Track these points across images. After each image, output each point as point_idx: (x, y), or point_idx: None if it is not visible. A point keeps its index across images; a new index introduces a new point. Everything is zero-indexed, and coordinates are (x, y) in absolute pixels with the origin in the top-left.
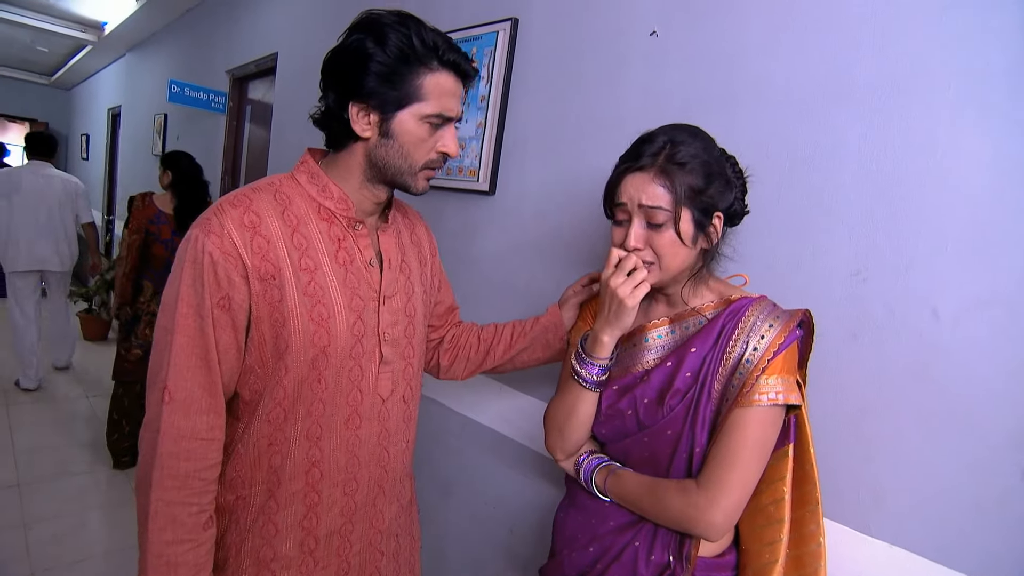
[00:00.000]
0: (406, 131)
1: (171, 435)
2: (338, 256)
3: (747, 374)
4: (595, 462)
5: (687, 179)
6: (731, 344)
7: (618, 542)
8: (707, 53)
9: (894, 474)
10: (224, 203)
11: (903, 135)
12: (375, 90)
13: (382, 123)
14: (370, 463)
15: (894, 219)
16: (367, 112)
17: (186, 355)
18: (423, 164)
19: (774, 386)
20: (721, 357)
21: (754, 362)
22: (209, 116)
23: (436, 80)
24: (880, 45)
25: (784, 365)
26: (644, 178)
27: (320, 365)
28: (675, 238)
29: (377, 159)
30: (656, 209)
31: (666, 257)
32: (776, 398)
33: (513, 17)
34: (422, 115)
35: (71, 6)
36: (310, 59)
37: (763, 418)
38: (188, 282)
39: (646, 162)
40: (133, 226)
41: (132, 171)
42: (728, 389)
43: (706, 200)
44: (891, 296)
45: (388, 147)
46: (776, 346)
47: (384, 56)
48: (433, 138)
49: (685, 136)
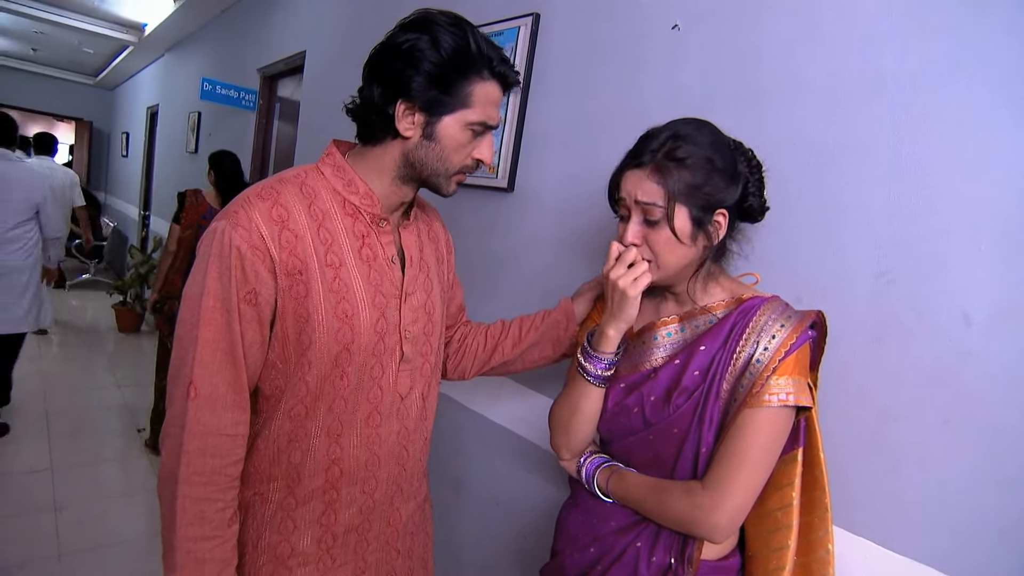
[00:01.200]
0: (449, 135)
1: (198, 431)
2: (362, 252)
3: (757, 374)
4: (597, 462)
5: (684, 175)
6: (741, 343)
7: (620, 543)
8: (730, 48)
9: (917, 485)
10: (251, 195)
11: (934, 132)
12: (425, 91)
13: (427, 125)
14: (389, 461)
15: (924, 218)
16: (413, 112)
17: (212, 350)
18: (458, 169)
19: (784, 387)
20: (731, 356)
21: (764, 362)
22: (240, 114)
23: (485, 89)
24: (909, 40)
25: (795, 366)
26: (641, 175)
27: (343, 362)
28: (670, 236)
29: (415, 159)
30: (651, 206)
31: (662, 255)
32: (787, 399)
33: (535, 12)
34: (467, 122)
35: (114, 8)
36: (336, 57)
37: (772, 419)
38: (214, 275)
39: (645, 159)
40: (186, 221)
41: (167, 168)
42: (737, 389)
43: (705, 196)
44: (919, 299)
45: (429, 149)
46: (787, 346)
47: (439, 59)
48: (472, 144)
49: (690, 131)
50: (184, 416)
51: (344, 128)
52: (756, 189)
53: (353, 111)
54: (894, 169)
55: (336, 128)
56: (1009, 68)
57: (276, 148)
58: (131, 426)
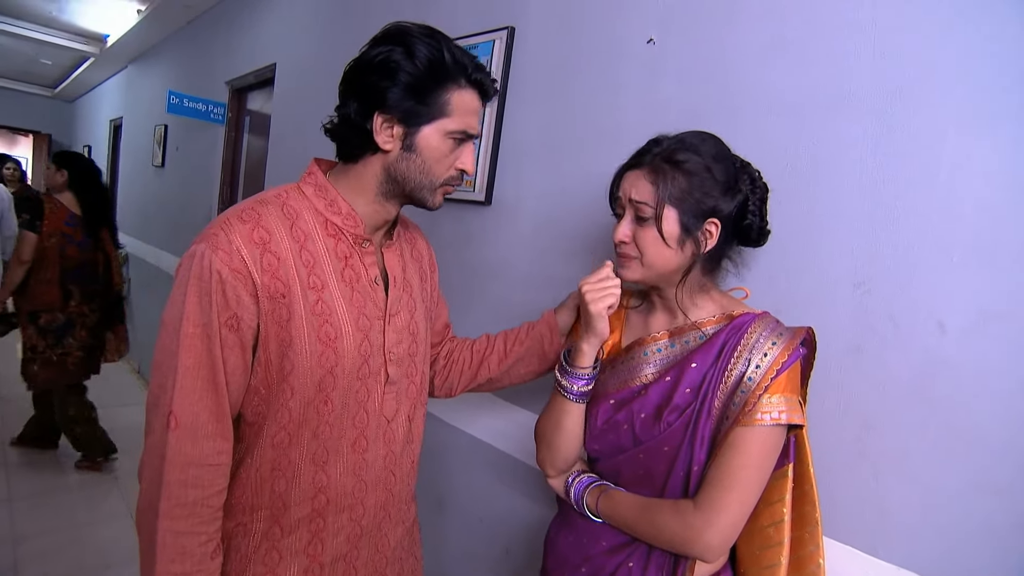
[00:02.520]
0: (430, 146)
1: (178, 462)
2: (344, 274)
3: (749, 392)
4: (586, 481)
5: (678, 179)
6: (733, 361)
7: (610, 563)
8: (705, 61)
9: (900, 493)
10: (232, 217)
11: (906, 143)
12: (402, 102)
13: (406, 136)
14: (377, 487)
15: (897, 229)
16: (391, 124)
17: (193, 377)
18: (443, 180)
19: (777, 405)
20: (722, 374)
21: (756, 380)
22: (208, 127)
23: (462, 98)
24: (881, 52)
25: (787, 384)
26: (638, 174)
27: (327, 386)
28: (657, 236)
29: (397, 173)
30: (642, 204)
31: (648, 254)
32: (779, 418)
33: (509, 26)
34: (447, 131)
35: (73, 18)
36: (307, 69)
37: (764, 438)
38: (194, 300)
39: (645, 159)
40: (47, 229)
41: (133, 182)
42: (729, 407)
43: (696, 203)
44: (895, 308)
45: (410, 161)
46: (779, 364)
47: (414, 69)
48: (453, 155)
49: (694, 140)
50: (164, 446)
51: (317, 140)
52: (757, 209)
53: (331, 130)
54: (868, 179)
55: (309, 142)
56: (981, 78)
57: (246, 162)
58: None
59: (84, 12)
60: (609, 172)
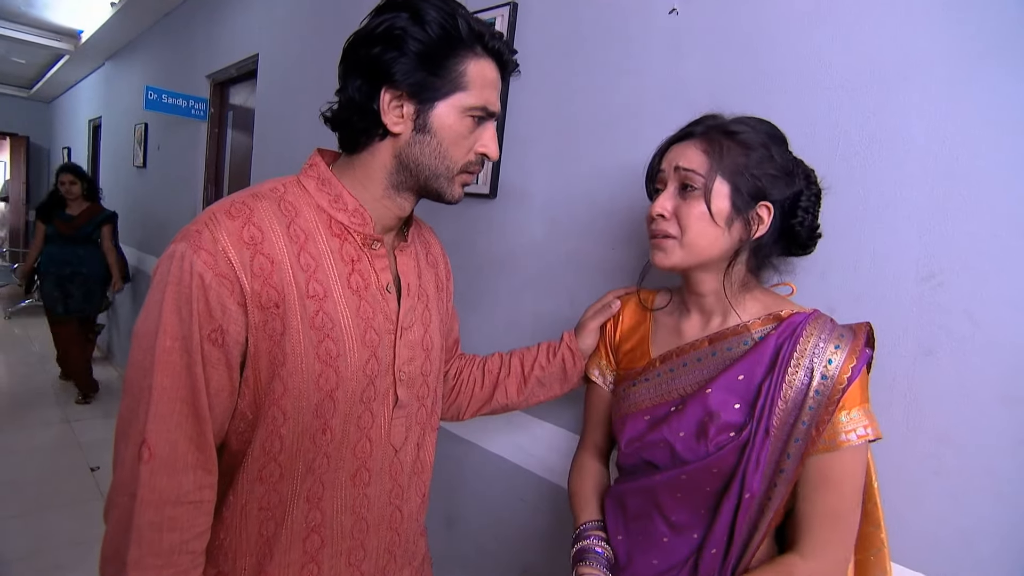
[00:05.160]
0: (446, 125)
1: (152, 501)
2: (351, 280)
3: (820, 408)
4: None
5: (734, 151)
6: (791, 371)
7: None
8: (736, 31)
9: (985, 517)
10: (218, 212)
11: (984, 115)
12: (412, 74)
13: (418, 115)
14: (380, 525)
15: (975, 213)
16: (401, 101)
17: (169, 400)
18: (462, 167)
19: (859, 420)
20: (779, 387)
21: (826, 393)
22: (190, 123)
23: (480, 68)
24: (947, 14)
25: (861, 394)
26: (688, 144)
27: (326, 412)
28: (705, 211)
29: (409, 159)
30: (690, 172)
31: (690, 231)
32: (866, 433)
33: (511, 1)
34: (465, 107)
35: (45, 14)
36: (293, 59)
37: (855, 459)
38: (171, 309)
39: (697, 130)
40: None
41: (114, 183)
42: (796, 427)
43: (752, 180)
44: (974, 304)
45: (423, 144)
46: (848, 370)
47: (424, 35)
48: (473, 136)
49: (752, 119)
50: (135, 482)
51: (305, 135)
52: (810, 206)
53: (332, 118)
54: (937, 160)
55: (296, 137)
56: None
57: (231, 159)
58: (83, 465)
59: (56, 7)
60: (628, 160)
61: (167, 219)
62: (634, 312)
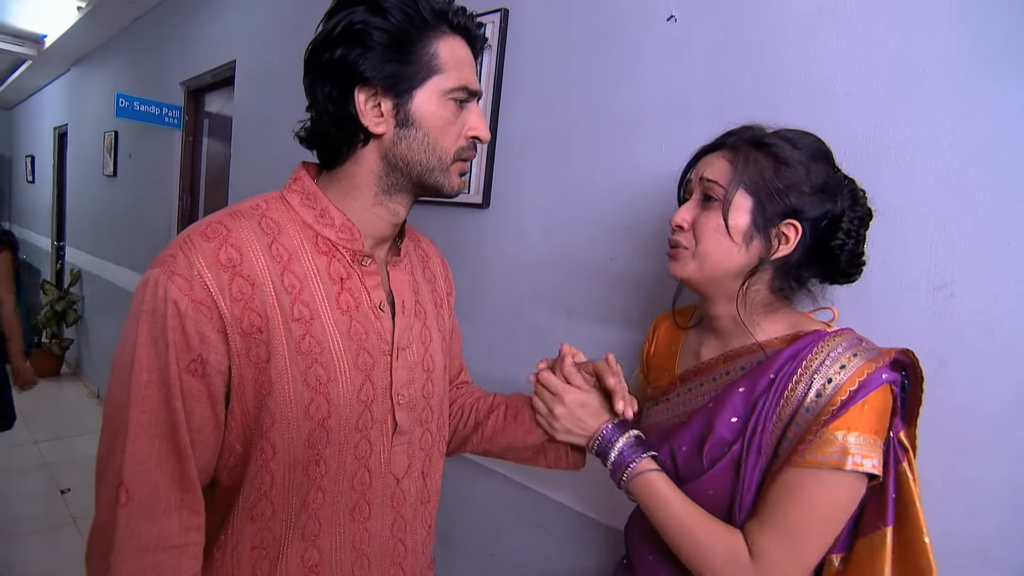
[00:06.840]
0: (429, 113)
1: (130, 548)
2: (340, 300)
3: (806, 424)
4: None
5: (760, 163)
6: (791, 386)
7: None
8: (737, 38)
9: (1004, 531)
10: (194, 234)
11: (995, 122)
12: (382, 66)
13: (398, 110)
14: (382, 561)
15: (987, 222)
16: (378, 99)
17: (147, 438)
18: (454, 155)
19: (860, 447)
20: (777, 403)
21: (815, 411)
22: (163, 132)
23: (451, 47)
24: (956, 20)
25: (862, 418)
26: (717, 154)
27: (318, 443)
28: (720, 224)
29: (398, 158)
30: (712, 183)
31: (703, 243)
32: (861, 463)
33: (502, 8)
34: (444, 90)
35: (5, 17)
36: (271, 64)
37: (829, 486)
38: (146, 340)
39: (728, 140)
40: None
41: (82, 193)
42: (782, 443)
43: (777, 195)
44: (988, 314)
45: (410, 139)
46: (845, 392)
47: (387, 23)
48: (460, 120)
49: (793, 133)
50: (112, 527)
51: (287, 142)
52: (853, 229)
53: (307, 136)
54: (950, 166)
55: (276, 145)
56: None
57: (207, 168)
58: (52, 488)
59: (18, 11)
60: (627, 169)
61: (140, 229)
62: (668, 331)
